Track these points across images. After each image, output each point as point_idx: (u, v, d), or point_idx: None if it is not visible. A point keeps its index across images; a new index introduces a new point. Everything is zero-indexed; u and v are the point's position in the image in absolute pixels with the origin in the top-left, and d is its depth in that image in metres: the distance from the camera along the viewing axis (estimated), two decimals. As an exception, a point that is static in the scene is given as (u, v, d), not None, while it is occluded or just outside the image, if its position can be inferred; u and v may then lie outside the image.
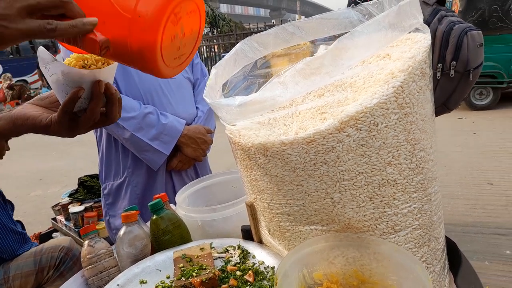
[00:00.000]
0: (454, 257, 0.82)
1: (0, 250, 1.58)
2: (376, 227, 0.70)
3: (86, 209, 2.39)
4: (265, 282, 0.77)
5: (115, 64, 0.72)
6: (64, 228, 2.55)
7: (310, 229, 0.75)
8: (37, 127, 0.71)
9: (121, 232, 0.93)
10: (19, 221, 1.85)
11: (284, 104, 0.70)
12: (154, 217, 0.96)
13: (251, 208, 0.83)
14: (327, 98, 0.70)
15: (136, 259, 0.91)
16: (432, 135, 0.73)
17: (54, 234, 2.71)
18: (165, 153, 1.43)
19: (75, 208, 2.40)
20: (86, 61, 0.70)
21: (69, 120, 0.70)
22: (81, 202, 2.52)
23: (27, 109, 0.72)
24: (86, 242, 0.90)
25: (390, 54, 0.71)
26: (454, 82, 1.90)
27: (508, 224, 2.63)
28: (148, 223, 1.02)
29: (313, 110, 0.71)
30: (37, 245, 1.77)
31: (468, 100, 6.50)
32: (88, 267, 0.87)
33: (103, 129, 1.49)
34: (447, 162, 4.03)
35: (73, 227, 2.40)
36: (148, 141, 1.39)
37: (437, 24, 1.92)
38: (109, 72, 0.71)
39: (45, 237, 2.77)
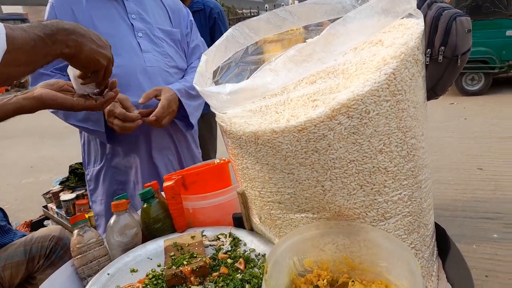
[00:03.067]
0: (443, 243, 0.83)
1: None
2: (367, 214, 0.70)
3: (77, 197, 2.37)
4: (256, 269, 0.77)
5: None
6: (55, 216, 2.53)
7: (301, 217, 0.74)
8: (65, 106, 0.97)
9: (111, 220, 0.92)
10: (0, 209, 1.82)
11: (275, 91, 0.69)
12: (145, 205, 0.96)
13: (242, 197, 0.83)
14: (319, 85, 0.69)
15: (126, 248, 0.91)
16: (423, 122, 0.73)
17: (45, 222, 2.69)
18: (100, 130, 1.34)
19: (66, 196, 2.38)
20: None
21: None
22: (73, 189, 2.49)
23: (51, 91, 0.97)
24: (75, 232, 0.89)
25: (383, 40, 0.70)
26: (442, 67, 1.93)
27: (496, 208, 2.68)
28: (139, 211, 1.01)
29: (305, 98, 0.70)
30: (25, 235, 1.76)
31: (460, 85, 6.53)
32: (78, 256, 0.86)
33: None
34: (438, 148, 4.07)
35: (64, 215, 2.38)
36: (81, 124, 1.35)
37: (427, 10, 1.93)
38: None
39: (36, 224, 2.76)
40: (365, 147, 0.66)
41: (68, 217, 2.35)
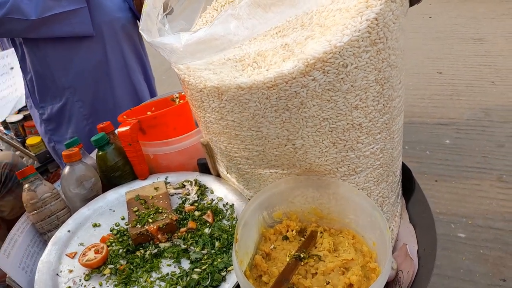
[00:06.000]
0: (408, 183, 0.84)
1: None
2: (337, 170, 0.68)
3: (25, 118, 2.18)
4: (225, 221, 0.76)
5: None
6: (4, 136, 2.37)
7: (270, 172, 0.71)
8: None
9: (65, 171, 0.85)
10: None
11: (239, 43, 0.59)
12: (100, 153, 0.88)
13: (207, 148, 0.77)
14: (290, 33, 0.59)
15: (86, 199, 0.86)
16: (402, 68, 0.67)
17: (-4, 143, 2.53)
18: (82, 6, 1.10)
19: (13, 117, 2.19)
20: None
21: None
22: (19, 110, 2.28)
23: None
24: (26, 186, 0.81)
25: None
26: None
27: (451, 114, 2.79)
28: (94, 154, 0.94)
29: (274, 47, 0.60)
30: None
31: (429, -21, 6.24)
32: (33, 212, 0.80)
33: (23, 43, 1.19)
34: (401, 50, 4.02)
35: (14, 137, 2.23)
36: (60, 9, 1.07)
37: None
38: None
39: (-14, 145, 2.59)
40: (340, 104, 0.60)
41: (19, 140, 2.20)
